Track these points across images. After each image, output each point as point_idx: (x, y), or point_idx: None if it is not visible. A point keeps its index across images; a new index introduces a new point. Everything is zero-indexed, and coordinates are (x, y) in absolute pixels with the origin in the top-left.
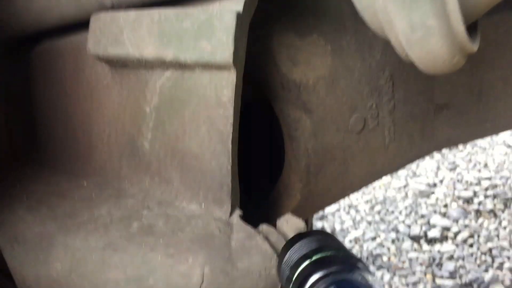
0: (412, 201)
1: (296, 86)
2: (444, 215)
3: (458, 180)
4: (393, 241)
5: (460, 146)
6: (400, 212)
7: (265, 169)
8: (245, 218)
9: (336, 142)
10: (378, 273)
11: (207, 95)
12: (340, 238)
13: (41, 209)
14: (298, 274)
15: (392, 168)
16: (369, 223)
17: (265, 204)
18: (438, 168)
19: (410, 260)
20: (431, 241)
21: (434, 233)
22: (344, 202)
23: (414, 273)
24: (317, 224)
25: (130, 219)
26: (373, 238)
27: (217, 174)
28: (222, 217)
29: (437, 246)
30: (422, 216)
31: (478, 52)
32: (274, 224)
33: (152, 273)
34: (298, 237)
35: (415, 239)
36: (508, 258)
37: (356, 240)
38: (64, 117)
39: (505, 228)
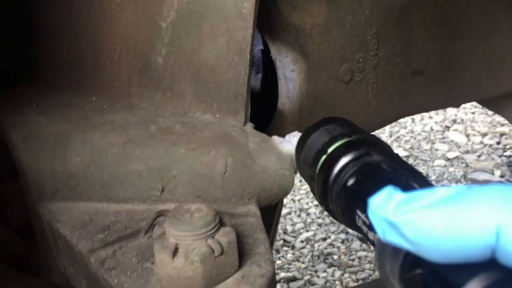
0: None
1: (295, 29)
2: None
3: None
4: (343, 241)
5: (404, 159)
6: None
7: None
8: None
9: (327, 89)
10: (330, 270)
11: (227, 8)
12: (291, 238)
13: (53, 113)
14: (320, 167)
15: (371, 125)
16: (320, 225)
17: None
18: None
19: (360, 258)
20: None
21: None
22: (295, 205)
23: (363, 270)
24: None
25: (146, 123)
26: (324, 239)
27: (233, 85)
28: (237, 125)
29: None
30: None
31: (450, 22)
32: None
33: (175, 164)
34: (309, 131)
35: (364, 240)
36: None
37: (308, 240)
38: (71, 39)
39: None
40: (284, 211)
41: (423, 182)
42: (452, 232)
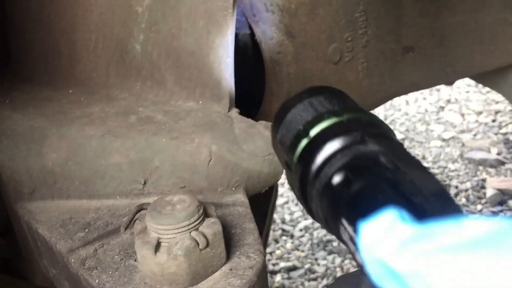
0: None
1: (279, 9)
2: None
3: None
4: None
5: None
6: None
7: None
8: None
9: (316, 70)
10: (330, 257)
11: None
12: (290, 227)
13: (28, 109)
14: (297, 158)
15: (362, 106)
16: None
17: None
18: None
19: None
20: None
21: None
22: (292, 194)
23: None
24: None
25: (126, 113)
26: None
27: (215, 69)
28: (221, 111)
29: None
30: None
31: None
32: None
33: (157, 155)
34: (284, 109)
35: None
36: None
37: (306, 228)
38: (45, 29)
39: None
40: (281, 200)
41: (437, 192)
42: None
